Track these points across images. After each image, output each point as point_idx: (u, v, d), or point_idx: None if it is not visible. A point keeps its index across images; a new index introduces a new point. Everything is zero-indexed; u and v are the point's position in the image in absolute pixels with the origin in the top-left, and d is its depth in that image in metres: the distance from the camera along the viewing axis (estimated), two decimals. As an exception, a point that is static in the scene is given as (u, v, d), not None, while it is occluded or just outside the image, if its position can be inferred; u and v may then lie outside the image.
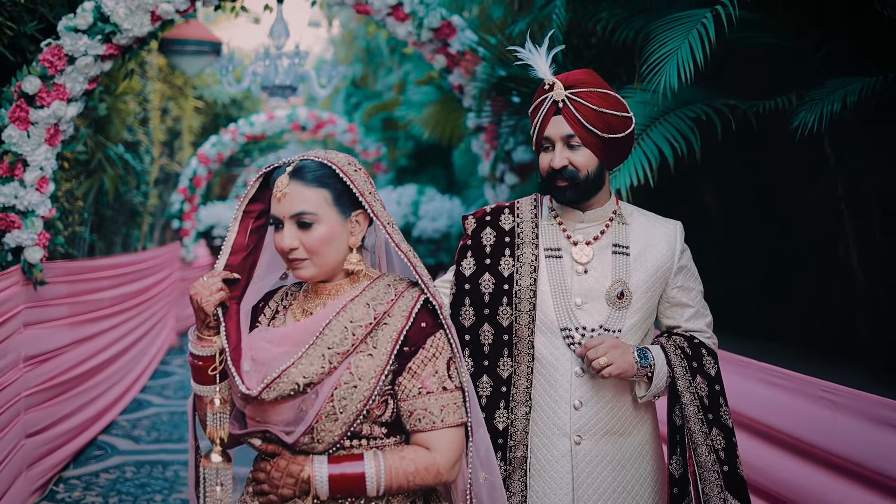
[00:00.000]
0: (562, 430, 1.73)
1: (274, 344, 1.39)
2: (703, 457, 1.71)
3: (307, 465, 1.36)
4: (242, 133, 9.21)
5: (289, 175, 1.42)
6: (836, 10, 2.65)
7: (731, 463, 1.72)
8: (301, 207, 1.40)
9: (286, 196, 1.40)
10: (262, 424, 1.39)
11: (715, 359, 1.81)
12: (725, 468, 1.71)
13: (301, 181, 1.41)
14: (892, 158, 2.84)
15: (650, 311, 1.81)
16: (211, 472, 1.42)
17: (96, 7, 3.71)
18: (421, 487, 1.41)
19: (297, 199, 1.40)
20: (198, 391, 1.46)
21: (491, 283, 1.79)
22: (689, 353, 1.77)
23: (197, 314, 1.43)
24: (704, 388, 1.75)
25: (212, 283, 1.42)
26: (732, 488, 1.71)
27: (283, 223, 1.42)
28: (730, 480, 1.71)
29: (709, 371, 1.77)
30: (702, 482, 1.71)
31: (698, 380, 1.74)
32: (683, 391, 1.73)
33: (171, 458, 4.87)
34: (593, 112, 1.72)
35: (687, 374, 1.74)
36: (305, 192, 1.40)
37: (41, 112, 3.69)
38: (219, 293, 1.41)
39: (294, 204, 1.40)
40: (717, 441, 1.72)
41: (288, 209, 1.40)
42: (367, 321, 1.39)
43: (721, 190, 3.74)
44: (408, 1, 3.91)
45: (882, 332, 2.96)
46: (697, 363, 1.76)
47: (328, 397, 1.34)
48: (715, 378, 1.78)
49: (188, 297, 1.45)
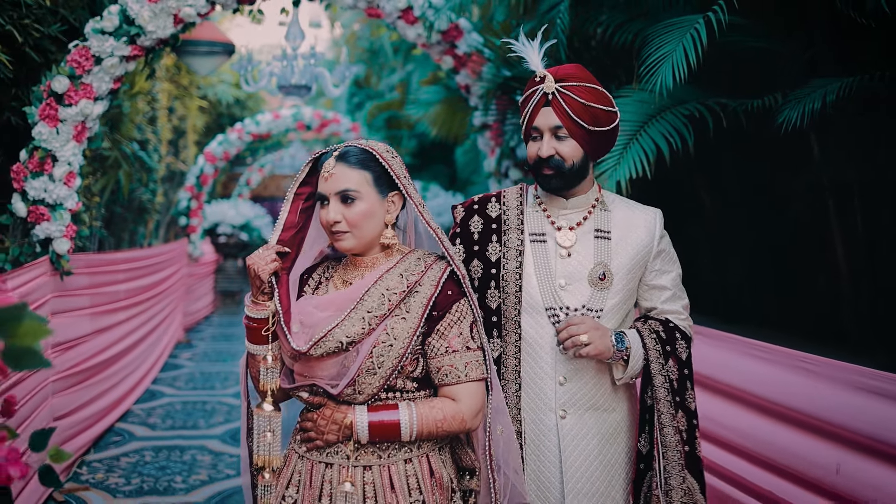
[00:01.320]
0: (548, 405, 1.82)
1: (319, 309, 1.58)
2: (668, 437, 1.79)
3: (350, 414, 1.56)
4: (249, 132, 9.40)
5: (335, 158, 1.61)
6: (820, 16, 2.85)
7: (692, 444, 1.82)
8: (345, 185, 1.59)
9: (333, 176, 1.60)
10: (308, 379, 1.59)
11: (688, 342, 1.88)
12: (686, 448, 1.81)
13: (346, 163, 1.61)
14: (871, 152, 3.04)
15: (630, 292, 1.89)
16: (264, 420, 1.61)
17: (122, 10, 3.90)
18: (448, 434, 1.60)
19: (341, 179, 1.59)
20: (252, 350, 1.65)
21: (479, 268, 1.87)
22: (664, 336, 1.85)
23: (253, 282, 1.62)
24: (675, 371, 1.83)
25: (267, 254, 1.61)
26: (691, 467, 1.81)
27: (329, 200, 1.61)
28: (689, 460, 1.81)
29: (680, 355, 1.85)
30: (665, 460, 1.79)
31: (670, 363, 1.83)
32: (656, 374, 1.81)
33: (187, 444, 5.05)
34: (581, 105, 1.79)
35: (660, 358, 1.82)
36: (349, 172, 1.60)
37: (69, 110, 3.88)
38: (273, 263, 1.60)
39: (339, 182, 1.59)
40: (681, 423, 1.81)
41: (334, 187, 1.60)
42: (401, 289, 1.58)
43: (714, 184, 3.94)
44: (417, 4, 4.10)
45: (863, 317, 3.16)
46: (671, 346, 1.84)
47: (368, 354, 1.54)
48: (686, 362, 1.86)
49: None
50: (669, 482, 1.78)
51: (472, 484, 1.67)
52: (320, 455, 1.60)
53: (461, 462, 1.69)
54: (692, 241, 4.07)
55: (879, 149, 3.10)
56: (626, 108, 2.84)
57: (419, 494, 1.58)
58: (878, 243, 3.17)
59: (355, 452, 1.57)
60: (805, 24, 3.05)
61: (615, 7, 3.52)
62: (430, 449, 1.63)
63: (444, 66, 4.47)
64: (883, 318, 3.09)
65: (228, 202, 11.72)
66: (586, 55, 3.72)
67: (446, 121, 5.52)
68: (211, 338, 9.33)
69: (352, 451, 1.57)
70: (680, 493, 1.78)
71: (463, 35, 4.27)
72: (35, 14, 4.11)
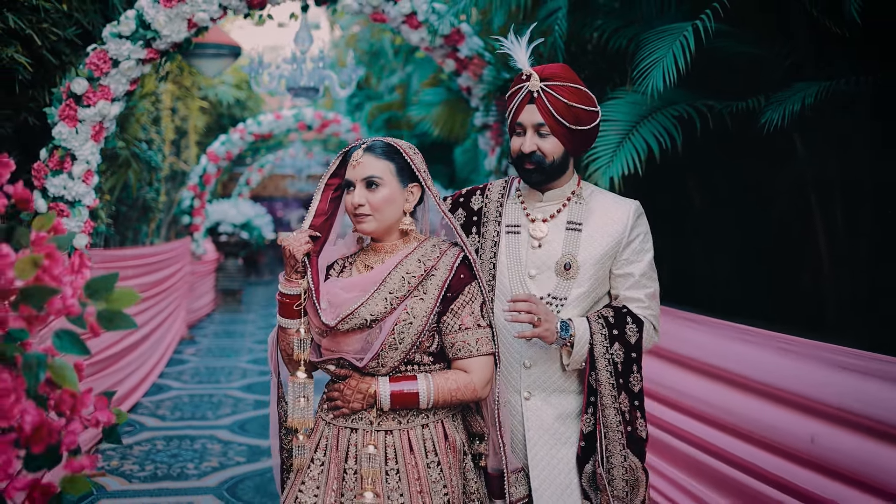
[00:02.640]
0: (514, 386, 1.93)
1: (345, 290, 1.76)
2: (609, 418, 1.86)
3: (374, 384, 1.73)
4: (251, 132, 9.56)
5: (363, 150, 1.79)
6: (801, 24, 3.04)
7: (633, 424, 1.89)
8: (370, 172, 1.77)
9: (360, 164, 1.77)
10: (335, 353, 1.77)
11: (639, 326, 1.91)
12: (628, 429, 1.88)
13: (372, 153, 1.79)
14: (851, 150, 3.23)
15: (599, 282, 1.94)
16: (298, 387, 1.78)
17: (138, 15, 4.07)
18: (460, 402, 1.79)
19: (367, 167, 1.77)
20: (284, 324, 1.82)
21: None
22: (612, 321, 1.90)
23: (288, 261, 1.79)
24: (621, 354, 1.88)
25: (301, 236, 1.78)
26: (632, 447, 1.88)
27: (355, 185, 1.78)
28: (631, 440, 1.88)
29: (629, 339, 1.90)
30: (606, 440, 1.86)
31: (616, 346, 1.88)
32: (599, 357, 1.86)
33: (197, 434, 5.22)
34: (564, 105, 1.85)
35: (605, 342, 1.87)
36: (375, 161, 1.78)
37: (88, 111, 4.05)
38: (306, 244, 1.78)
39: (365, 170, 1.77)
40: (623, 404, 1.88)
41: (360, 173, 1.77)
42: (418, 273, 1.76)
43: (705, 183, 4.14)
44: (421, 10, 4.29)
45: (844, 304, 3.36)
46: (619, 330, 1.89)
47: (390, 331, 1.72)
48: (634, 346, 1.90)
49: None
50: (611, 461, 1.86)
51: (481, 448, 1.85)
52: (346, 421, 1.78)
53: (471, 428, 1.87)
54: (684, 237, 4.26)
55: (858, 148, 3.29)
56: (619, 109, 3.03)
57: (434, 456, 1.76)
58: (858, 236, 3.36)
59: (378, 419, 1.75)
60: (788, 32, 3.24)
61: (611, 13, 3.71)
62: (444, 416, 1.81)
63: (447, 69, 4.66)
64: (862, 304, 3.28)
65: (229, 201, 11.88)
66: (583, 59, 3.90)
67: (448, 121, 5.72)
68: (213, 335, 9.50)
69: (374, 417, 1.75)
70: (621, 471, 1.86)
71: (464, 39, 4.45)
72: (52, 18, 4.28)
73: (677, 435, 2.83)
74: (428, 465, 1.75)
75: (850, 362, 2.11)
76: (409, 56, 8.14)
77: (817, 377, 2.17)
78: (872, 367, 2.04)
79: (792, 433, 2.25)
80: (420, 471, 1.74)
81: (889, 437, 1.97)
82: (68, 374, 1.12)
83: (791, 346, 2.31)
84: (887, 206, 3.30)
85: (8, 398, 1.04)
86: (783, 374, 2.31)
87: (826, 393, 2.15)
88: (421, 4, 4.26)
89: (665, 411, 2.92)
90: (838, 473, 2.12)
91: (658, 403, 2.98)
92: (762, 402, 2.42)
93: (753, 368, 2.45)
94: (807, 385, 2.21)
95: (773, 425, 2.32)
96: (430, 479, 1.74)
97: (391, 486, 1.73)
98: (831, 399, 2.13)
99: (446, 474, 1.76)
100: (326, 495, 1.75)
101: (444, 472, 1.76)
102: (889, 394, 1.96)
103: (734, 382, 2.57)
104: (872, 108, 3.20)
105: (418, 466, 1.74)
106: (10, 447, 1.07)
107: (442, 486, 1.75)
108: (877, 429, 2.01)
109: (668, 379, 2.91)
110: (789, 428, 2.26)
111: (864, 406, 2.04)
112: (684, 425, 2.78)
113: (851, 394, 2.07)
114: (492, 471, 1.84)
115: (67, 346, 1.12)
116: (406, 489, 1.72)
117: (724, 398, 2.59)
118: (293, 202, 18.42)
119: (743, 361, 2.51)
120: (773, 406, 2.34)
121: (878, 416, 1.99)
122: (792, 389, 2.26)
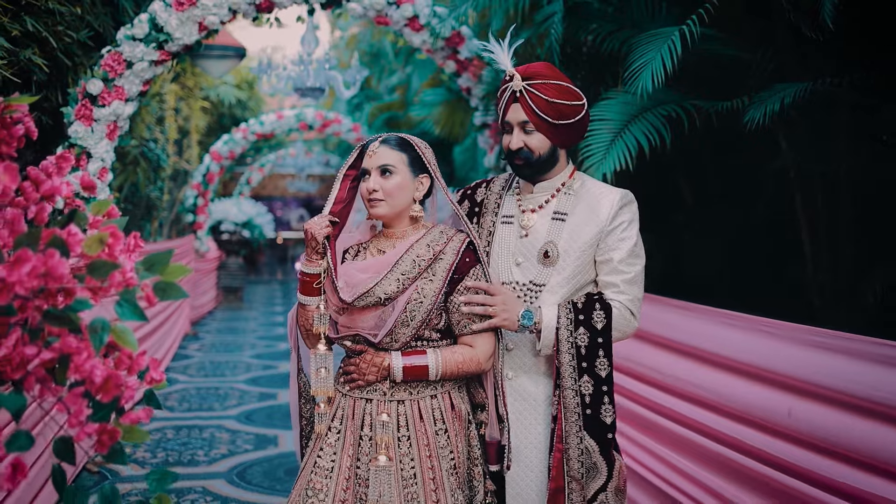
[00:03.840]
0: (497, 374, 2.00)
1: (361, 271, 1.93)
2: (568, 399, 1.93)
3: (387, 358, 1.90)
4: (253, 132, 9.73)
5: (380, 142, 1.97)
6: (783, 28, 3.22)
7: (596, 408, 1.93)
8: (385, 161, 1.94)
9: (376, 154, 1.95)
10: (351, 330, 1.94)
11: (607, 312, 1.96)
12: (588, 412, 1.93)
13: (387, 145, 1.96)
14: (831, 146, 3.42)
15: (579, 270, 2.01)
16: (320, 359, 1.94)
17: (151, 18, 4.24)
18: (466, 375, 1.96)
19: (382, 156, 1.95)
20: (304, 301, 1.97)
21: None
22: (580, 307, 1.96)
23: (309, 243, 1.94)
24: (585, 339, 1.94)
25: (322, 221, 1.95)
26: (590, 429, 1.93)
27: (371, 173, 1.95)
28: (589, 421, 1.93)
29: (595, 324, 1.95)
30: (565, 421, 1.93)
31: (581, 331, 1.94)
32: (562, 341, 1.94)
33: (205, 424, 5.38)
34: (546, 102, 1.93)
35: (570, 326, 1.94)
36: (389, 152, 1.95)
37: (103, 110, 4.22)
38: (327, 228, 1.94)
39: (380, 159, 1.94)
40: (585, 387, 1.93)
41: (376, 162, 1.95)
42: (428, 256, 1.93)
43: (694, 178, 4.32)
44: (422, 13, 4.46)
45: (825, 290, 3.54)
46: (585, 315, 1.95)
47: (403, 309, 1.89)
48: (601, 332, 1.94)
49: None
50: (568, 441, 1.92)
51: (483, 417, 2.03)
52: (361, 393, 1.95)
53: (475, 399, 2.04)
54: (676, 229, 4.45)
55: (838, 143, 3.48)
56: (611, 109, 3.21)
57: (442, 424, 1.94)
58: (838, 227, 3.55)
59: (390, 390, 1.93)
60: (772, 35, 3.42)
61: (604, 17, 3.88)
62: (451, 387, 1.98)
63: (447, 70, 4.84)
64: (842, 291, 3.47)
65: (231, 200, 12.05)
66: (579, 60, 4.08)
67: (448, 120, 5.91)
68: (216, 331, 9.66)
69: (387, 388, 1.92)
70: (577, 452, 1.92)
71: (465, 41, 4.63)
72: (66, 21, 4.45)
73: (666, 415, 3.01)
74: (436, 432, 1.93)
75: (822, 342, 2.28)
76: (410, 57, 8.32)
77: (793, 356, 2.34)
78: (842, 346, 2.22)
79: (770, 408, 2.42)
80: (429, 437, 1.91)
81: (858, 408, 2.14)
82: (128, 337, 1.29)
83: (770, 328, 2.49)
84: (866, 199, 3.48)
85: (81, 356, 1.22)
86: (763, 354, 2.48)
87: (802, 370, 2.32)
88: (423, 8, 4.44)
89: (655, 393, 3.09)
90: (813, 444, 2.29)
91: (648, 386, 3.16)
92: (743, 381, 2.59)
93: (736, 350, 2.62)
94: (784, 363, 2.38)
95: (754, 402, 2.50)
96: (438, 445, 1.91)
97: (403, 451, 1.90)
98: (806, 375, 2.30)
99: (453, 441, 1.94)
100: (343, 459, 1.92)
101: (451, 439, 1.94)
102: (857, 368, 2.14)
103: (718, 364, 2.75)
104: (851, 106, 3.39)
105: (427, 433, 1.91)
106: (80, 398, 1.24)
107: (448, 451, 1.93)
108: (847, 401, 2.18)
109: (658, 362, 3.09)
110: (768, 403, 2.43)
111: (835, 381, 2.21)
112: (672, 405, 2.96)
113: (824, 370, 2.24)
114: (489, 438, 2.00)
115: (128, 313, 1.29)
116: (416, 454, 1.90)
117: (708, 378, 2.77)
118: (292, 201, 18.60)
119: (726, 344, 2.68)
120: (753, 384, 2.52)
121: (848, 390, 2.16)
122: (770, 368, 2.43)
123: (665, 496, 2.98)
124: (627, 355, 3.23)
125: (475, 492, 1.97)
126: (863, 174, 3.45)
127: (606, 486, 1.94)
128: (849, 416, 2.15)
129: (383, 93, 10.48)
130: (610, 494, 1.94)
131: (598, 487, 1.93)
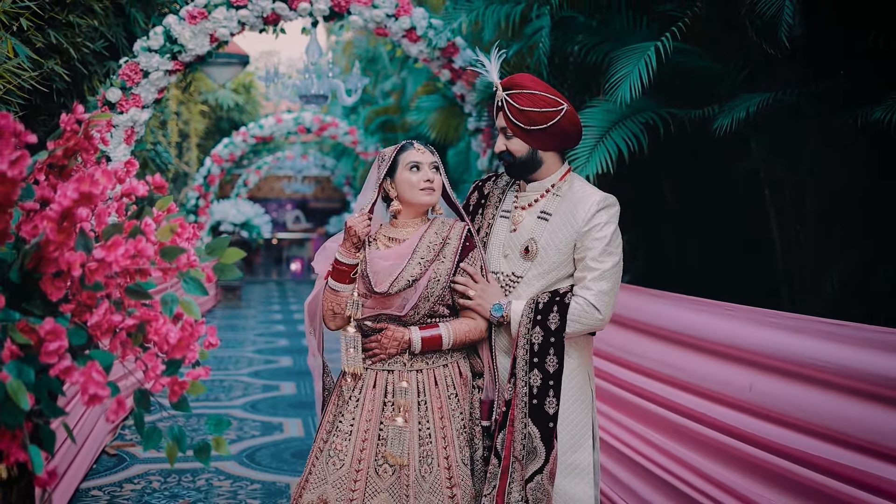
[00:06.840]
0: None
1: (384, 259, 2.22)
2: (518, 388, 2.16)
3: (407, 332, 2.19)
4: (253, 135, 10.00)
5: (423, 144, 2.28)
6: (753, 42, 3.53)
7: (541, 399, 2.14)
8: (435, 159, 2.28)
9: (425, 152, 2.26)
10: (376, 310, 2.21)
11: (562, 315, 2.14)
12: (535, 401, 2.14)
13: (428, 148, 2.29)
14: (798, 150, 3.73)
15: (555, 266, 2.20)
16: (349, 339, 2.21)
17: (166, 31, 4.53)
18: (472, 342, 2.26)
19: (430, 155, 2.26)
20: (339, 289, 2.23)
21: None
22: (541, 308, 2.16)
23: (350, 238, 2.20)
24: (540, 337, 2.16)
25: (363, 219, 2.22)
26: (534, 416, 2.14)
27: (423, 166, 2.24)
28: (534, 411, 2.14)
29: (549, 326, 2.15)
30: (516, 408, 2.16)
31: (536, 330, 2.16)
32: (520, 336, 2.17)
33: (213, 412, 5.64)
34: (517, 110, 2.14)
35: (528, 324, 2.16)
36: (432, 153, 2.29)
37: (121, 117, 4.50)
38: (367, 226, 2.22)
39: (431, 157, 2.26)
40: (534, 379, 2.15)
41: (428, 158, 2.25)
42: (437, 242, 2.23)
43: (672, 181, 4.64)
44: (420, 25, 4.77)
45: (794, 283, 3.86)
46: (542, 316, 2.16)
47: (424, 287, 2.19)
48: (554, 332, 2.14)
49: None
50: (515, 425, 2.15)
51: (480, 382, 2.32)
52: (383, 365, 2.24)
53: (473, 368, 2.34)
54: (656, 228, 4.76)
55: (804, 147, 3.80)
56: (594, 116, 3.51)
57: (453, 389, 2.25)
58: (805, 225, 3.87)
59: (409, 361, 2.22)
60: (742, 47, 3.74)
61: (589, 30, 4.19)
62: (459, 357, 2.29)
63: (442, 78, 5.14)
64: (806, 282, 3.79)
65: (230, 201, 12.32)
66: (566, 71, 4.39)
67: (443, 125, 6.22)
68: (217, 328, 9.90)
69: (407, 360, 2.22)
70: (521, 435, 2.13)
71: (459, 51, 4.94)
72: (84, 33, 4.73)
73: (638, 393, 3.30)
74: (448, 396, 2.23)
75: (779, 322, 2.58)
76: (405, 62, 8.62)
77: (754, 335, 2.64)
78: (797, 325, 2.51)
79: (733, 383, 2.72)
80: (442, 401, 2.22)
81: (814, 380, 2.39)
82: (193, 308, 1.58)
83: (733, 311, 2.79)
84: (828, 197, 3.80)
85: (158, 322, 1.51)
86: (726, 333, 2.78)
87: (761, 347, 2.62)
88: (420, 20, 4.75)
89: (627, 373, 3.39)
90: (772, 417, 2.57)
91: (624, 368, 3.46)
92: (707, 359, 2.88)
93: (701, 331, 2.92)
94: (745, 341, 2.68)
95: (717, 378, 2.79)
96: (449, 408, 2.22)
97: (420, 413, 2.20)
98: (766, 351, 2.59)
99: (462, 404, 2.25)
100: (360, 423, 2.21)
101: (460, 402, 2.25)
102: (808, 344, 2.42)
103: (685, 343, 3.03)
104: (815, 112, 3.71)
105: (441, 398, 2.22)
106: (155, 356, 1.54)
107: (459, 413, 2.24)
108: (803, 374, 2.45)
109: (633, 346, 3.39)
110: (730, 379, 2.73)
111: (791, 355, 2.49)
112: (643, 384, 3.25)
113: (781, 347, 2.53)
114: (483, 397, 2.30)
115: (192, 288, 1.59)
116: (431, 416, 2.20)
117: (676, 358, 3.06)
118: (287, 203, 18.86)
119: (693, 326, 2.98)
120: (716, 361, 2.81)
121: (805, 363, 2.42)
122: (733, 344, 2.74)
123: (640, 467, 3.27)
124: (610, 341, 3.53)
125: (475, 448, 2.27)
126: (827, 174, 3.77)
127: (543, 469, 2.13)
128: (802, 387, 2.45)
129: (378, 97, 10.78)
130: (545, 477, 2.13)
131: (536, 469, 2.14)
